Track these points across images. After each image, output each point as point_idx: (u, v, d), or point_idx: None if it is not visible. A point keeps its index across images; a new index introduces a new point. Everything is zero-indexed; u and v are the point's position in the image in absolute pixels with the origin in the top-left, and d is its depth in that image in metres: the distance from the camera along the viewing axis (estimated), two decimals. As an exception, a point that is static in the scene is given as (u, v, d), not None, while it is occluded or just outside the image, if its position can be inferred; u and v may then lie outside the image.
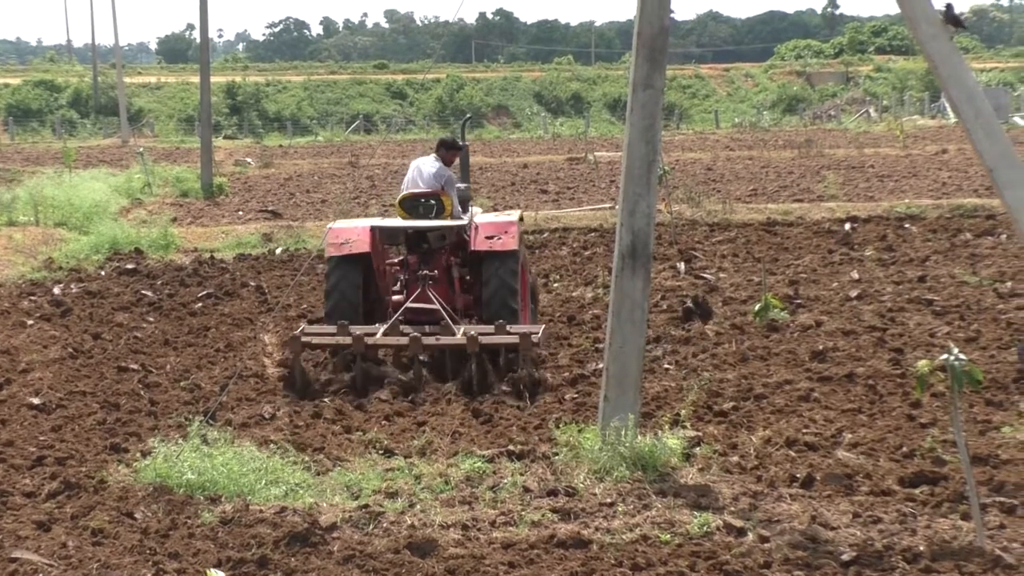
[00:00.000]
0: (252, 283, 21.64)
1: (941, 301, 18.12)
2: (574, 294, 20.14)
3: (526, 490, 10.35)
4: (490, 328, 14.77)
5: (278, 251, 25.58)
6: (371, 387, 14.39)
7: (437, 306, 15.39)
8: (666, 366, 15.05)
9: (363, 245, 15.57)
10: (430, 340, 14.71)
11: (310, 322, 17.37)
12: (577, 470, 10.73)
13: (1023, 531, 9.20)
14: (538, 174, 42.75)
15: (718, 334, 16.63)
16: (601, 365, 12.29)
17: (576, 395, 13.76)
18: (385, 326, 15.00)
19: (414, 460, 11.22)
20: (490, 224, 15.78)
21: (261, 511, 9.92)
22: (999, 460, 10.89)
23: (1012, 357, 14.32)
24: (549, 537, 9.31)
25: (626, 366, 11.30)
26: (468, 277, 16.32)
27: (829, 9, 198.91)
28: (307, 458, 11.30)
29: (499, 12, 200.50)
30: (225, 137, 79.33)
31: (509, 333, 14.54)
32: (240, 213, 33.15)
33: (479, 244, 15.57)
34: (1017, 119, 68.81)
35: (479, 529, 9.57)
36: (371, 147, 57.53)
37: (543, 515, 9.79)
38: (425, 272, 15.81)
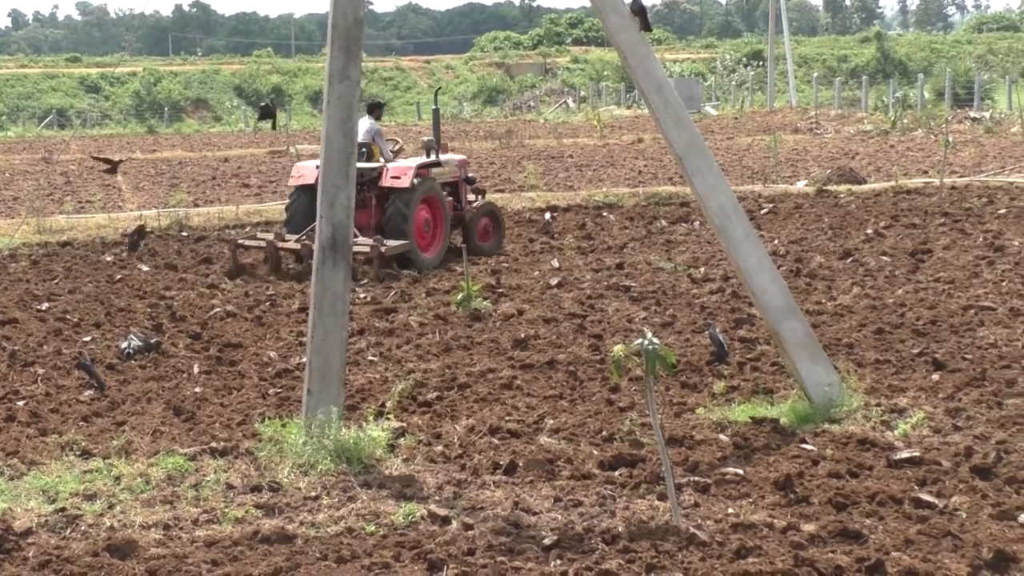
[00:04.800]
0: (-60, 284, 20.78)
1: (638, 287, 18.55)
2: (283, 286, 19.90)
3: (229, 487, 10.21)
4: (371, 241, 20.21)
5: (-33, 250, 24.64)
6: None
7: None
8: (370, 358, 15.04)
9: (310, 178, 20.88)
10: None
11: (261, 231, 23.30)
12: (281, 465, 10.64)
13: (716, 509, 9.48)
14: (239, 168, 42.17)
15: (422, 325, 16.70)
16: (304, 359, 12.22)
17: (280, 389, 13.63)
18: (299, 236, 20.66)
19: (113, 461, 10.92)
20: (396, 167, 21.43)
21: (-49, 520, 9.55)
22: (694, 441, 11.20)
23: (706, 340, 14.73)
24: (253, 533, 9.21)
25: (329, 359, 11.26)
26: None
27: (527, 1, 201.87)
28: (0, 463, 10.94)
29: (196, 4, 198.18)
30: (-92, 134, 76.17)
31: (380, 245, 20.04)
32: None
33: (385, 181, 21.31)
34: (709, 108, 70.97)
35: (181, 528, 9.40)
36: (65, 142, 55.91)
37: (247, 511, 9.67)
38: None
